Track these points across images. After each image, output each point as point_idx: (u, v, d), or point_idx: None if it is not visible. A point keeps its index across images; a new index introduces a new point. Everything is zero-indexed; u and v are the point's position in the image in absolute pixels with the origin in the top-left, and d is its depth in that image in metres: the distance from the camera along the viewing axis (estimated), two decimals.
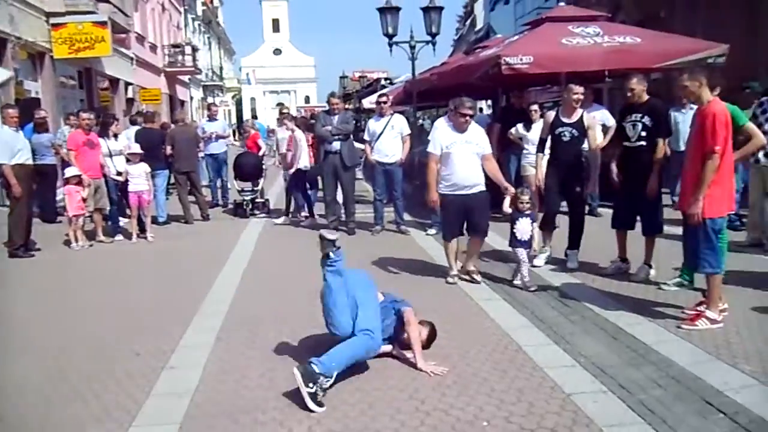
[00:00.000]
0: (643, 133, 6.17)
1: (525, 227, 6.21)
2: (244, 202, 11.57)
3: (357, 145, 9.89)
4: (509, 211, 6.22)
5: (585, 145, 7.07)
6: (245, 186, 11.76)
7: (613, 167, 6.51)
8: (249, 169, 11.74)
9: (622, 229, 6.55)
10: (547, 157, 7.07)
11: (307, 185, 10.55)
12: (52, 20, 16.03)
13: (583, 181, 6.95)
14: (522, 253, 6.16)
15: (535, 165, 7.35)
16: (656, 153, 6.15)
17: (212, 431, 3.50)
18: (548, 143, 6.97)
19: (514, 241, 6.24)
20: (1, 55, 13.48)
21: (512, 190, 6.24)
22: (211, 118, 13.59)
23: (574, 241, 6.90)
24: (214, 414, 3.70)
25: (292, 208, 10.77)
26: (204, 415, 3.68)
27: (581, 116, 6.84)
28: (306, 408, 3.63)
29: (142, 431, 3.54)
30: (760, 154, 6.86)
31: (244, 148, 13.76)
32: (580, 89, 6.83)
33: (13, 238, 8.51)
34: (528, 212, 6.25)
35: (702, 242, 4.85)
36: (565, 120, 6.82)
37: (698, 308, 4.97)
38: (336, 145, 9.04)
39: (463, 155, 6.14)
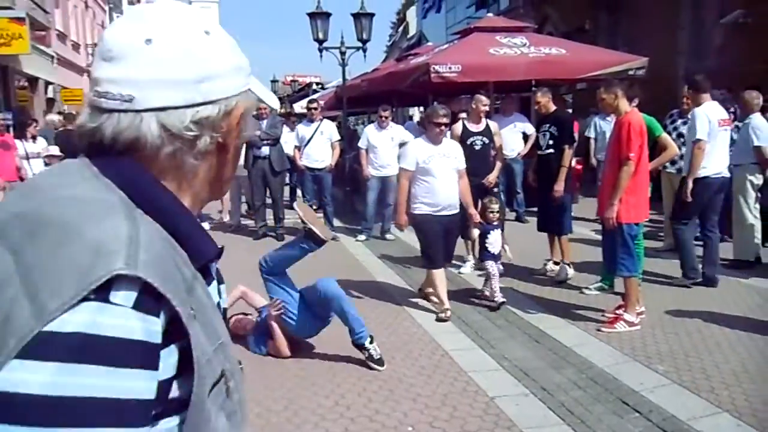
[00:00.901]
0: (551, 142, 6.58)
1: (496, 239, 5.88)
2: None
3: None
4: (475, 236, 5.89)
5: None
6: None
7: (530, 174, 6.87)
8: None
9: (547, 232, 6.80)
10: None
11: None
12: None
13: (498, 186, 7.20)
14: (492, 266, 5.81)
15: None
16: (562, 160, 6.45)
17: None
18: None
19: (485, 254, 5.90)
20: None
21: (477, 217, 5.76)
22: None
23: None
24: None
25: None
26: None
27: (487, 124, 7.20)
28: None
29: None
30: (667, 162, 7.16)
31: None
32: (487, 101, 7.19)
33: None
34: (496, 223, 5.95)
35: (619, 247, 5.03)
36: (473, 129, 7.12)
37: (617, 312, 5.15)
38: (265, 150, 8.94)
39: (443, 171, 5.50)
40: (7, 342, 0.66)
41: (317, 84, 27.34)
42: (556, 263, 6.75)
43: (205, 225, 10.15)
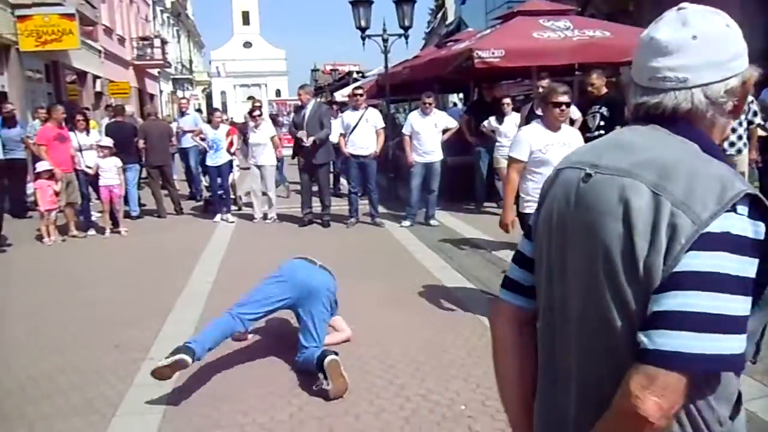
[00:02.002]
0: (602, 123, 6.51)
1: None
2: (207, 199, 11.22)
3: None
4: None
5: None
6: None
7: None
8: None
9: None
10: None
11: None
12: (18, 12, 15.69)
13: None
14: None
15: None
16: None
17: (194, 419, 3.55)
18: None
19: None
20: None
21: None
22: (182, 112, 13.48)
23: None
24: (195, 403, 3.74)
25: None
26: (186, 404, 3.72)
27: None
28: None
29: (125, 420, 3.57)
30: (725, 144, 7.06)
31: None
32: (545, 83, 7.12)
33: None
34: None
35: None
36: (539, 113, 7.00)
37: None
38: (310, 140, 9.07)
39: None
40: (679, 240, 1.07)
41: (357, 72, 27.41)
42: None
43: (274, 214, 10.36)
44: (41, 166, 8.91)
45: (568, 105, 4.67)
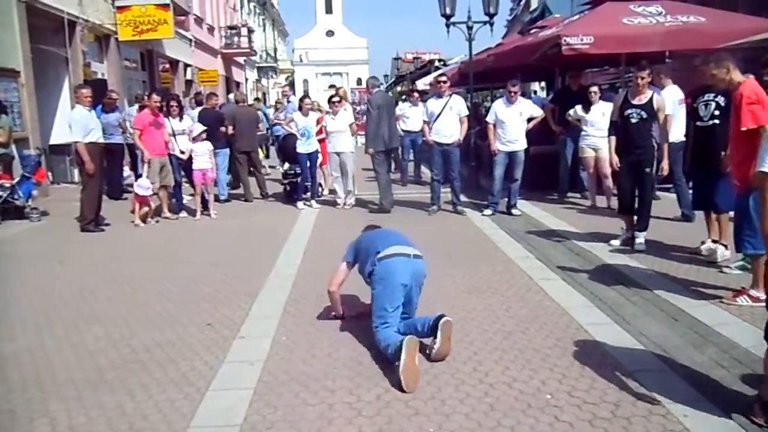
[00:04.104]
0: (716, 113, 6.18)
1: None
2: (285, 185, 11.33)
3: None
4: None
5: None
6: (291, 169, 11.14)
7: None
8: (292, 151, 10.81)
9: (705, 210, 6.55)
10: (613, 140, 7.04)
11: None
12: (117, 3, 16.48)
13: (652, 162, 6.87)
14: None
15: (596, 148, 7.49)
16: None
17: (284, 396, 3.66)
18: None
19: None
20: (71, 37, 13.96)
21: None
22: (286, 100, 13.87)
23: (643, 222, 6.87)
24: (285, 381, 3.87)
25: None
26: (276, 382, 3.85)
27: (651, 98, 6.77)
28: None
29: (218, 395, 3.73)
30: None
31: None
32: (645, 72, 6.77)
33: (84, 214, 8.92)
34: None
35: (744, 222, 4.88)
36: (633, 102, 6.78)
37: (743, 286, 5.05)
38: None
39: None
40: None
41: (439, 60, 27.32)
42: (714, 241, 6.43)
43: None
44: (139, 189, 9.36)
45: None
